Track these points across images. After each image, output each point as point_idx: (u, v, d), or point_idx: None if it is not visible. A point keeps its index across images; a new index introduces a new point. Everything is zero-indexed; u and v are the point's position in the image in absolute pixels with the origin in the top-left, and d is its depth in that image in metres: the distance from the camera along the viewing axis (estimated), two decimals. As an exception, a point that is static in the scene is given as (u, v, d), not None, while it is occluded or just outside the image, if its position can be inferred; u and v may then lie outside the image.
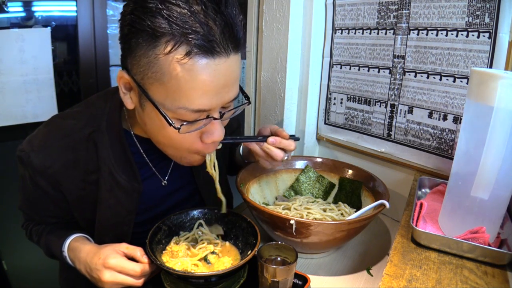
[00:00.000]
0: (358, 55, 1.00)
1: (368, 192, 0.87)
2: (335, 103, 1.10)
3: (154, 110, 0.58)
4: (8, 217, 1.58)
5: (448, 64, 0.81)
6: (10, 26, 1.58)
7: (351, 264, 0.78)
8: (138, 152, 0.75)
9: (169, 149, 0.66)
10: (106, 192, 0.71)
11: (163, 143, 0.65)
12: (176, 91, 0.54)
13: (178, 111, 0.56)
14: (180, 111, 0.56)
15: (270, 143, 0.74)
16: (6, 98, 1.57)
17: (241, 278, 0.67)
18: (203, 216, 0.77)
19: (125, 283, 0.63)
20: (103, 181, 0.71)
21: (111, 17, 1.76)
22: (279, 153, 0.74)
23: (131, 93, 0.62)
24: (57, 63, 1.71)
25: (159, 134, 0.63)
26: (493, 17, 0.72)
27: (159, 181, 0.80)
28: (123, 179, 0.72)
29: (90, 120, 0.71)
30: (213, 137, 0.62)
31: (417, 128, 0.90)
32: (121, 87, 0.62)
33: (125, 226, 0.76)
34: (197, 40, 0.51)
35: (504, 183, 0.56)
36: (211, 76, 0.54)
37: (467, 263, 0.58)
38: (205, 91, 0.55)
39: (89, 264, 0.66)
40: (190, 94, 0.55)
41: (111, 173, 0.71)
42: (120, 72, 0.60)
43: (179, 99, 0.55)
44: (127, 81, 0.60)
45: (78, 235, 0.75)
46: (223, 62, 0.55)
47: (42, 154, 0.68)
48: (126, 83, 0.61)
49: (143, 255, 0.65)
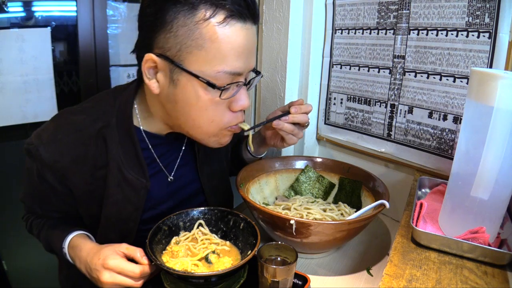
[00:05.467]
0: (358, 55, 1.00)
1: (368, 192, 0.87)
2: (335, 103, 1.10)
3: (190, 82, 0.61)
4: (8, 217, 1.58)
5: (448, 64, 0.81)
6: (10, 26, 1.58)
7: (351, 264, 0.78)
8: (147, 148, 0.76)
9: (200, 128, 0.68)
10: (114, 188, 0.72)
11: (195, 120, 0.66)
12: (216, 55, 0.59)
13: (217, 76, 0.61)
14: (219, 76, 0.61)
15: (294, 112, 0.80)
16: (6, 98, 1.57)
17: (241, 278, 0.67)
18: (203, 216, 0.77)
19: (124, 284, 0.63)
20: (112, 177, 0.71)
21: (111, 17, 1.76)
22: (304, 117, 0.82)
23: (158, 75, 0.64)
24: (57, 63, 1.71)
25: (192, 109, 0.65)
26: (493, 17, 0.72)
27: (165, 177, 0.81)
28: (131, 175, 0.72)
29: (100, 115, 0.71)
30: (242, 103, 0.66)
31: (417, 128, 0.90)
32: (145, 73, 0.64)
33: (131, 222, 0.76)
34: (231, 6, 0.58)
35: (504, 183, 0.56)
36: (244, 39, 0.61)
37: (467, 263, 0.58)
38: (239, 54, 0.61)
39: (89, 264, 0.66)
40: (228, 56, 0.60)
41: (120, 169, 0.71)
42: (146, 56, 0.62)
43: (219, 62, 0.60)
44: (153, 64, 0.62)
45: (80, 232, 0.75)
46: (250, 28, 0.62)
47: (51, 148, 0.67)
48: (152, 66, 0.63)
49: (143, 256, 0.65)
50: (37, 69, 1.63)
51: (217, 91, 0.62)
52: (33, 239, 0.83)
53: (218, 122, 0.67)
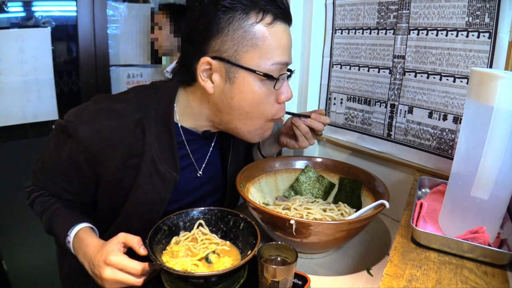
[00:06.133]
0: (358, 55, 1.00)
1: (368, 192, 0.87)
2: (335, 103, 1.10)
3: (247, 78, 0.69)
4: (8, 217, 1.58)
5: (448, 64, 0.81)
6: (10, 26, 1.58)
7: (351, 264, 0.78)
8: (181, 142, 0.80)
9: (251, 120, 0.74)
10: (145, 178, 0.74)
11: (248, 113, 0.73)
12: (269, 50, 0.68)
13: (271, 68, 0.69)
14: (273, 68, 0.69)
15: (313, 118, 0.89)
16: (6, 98, 1.57)
17: (241, 278, 0.67)
18: (203, 216, 0.77)
19: (125, 281, 0.63)
20: (145, 167, 0.73)
21: (111, 17, 1.76)
22: (320, 125, 0.90)
23: (213, 76, 0.70)
24: (57, 63, 1.71)
25: (247, 103, 0.71)
26: (493, 17, 0.72)
27: (195, 172, 0.84)
28: (163, 168, 0.75)
29: (141, 106, 0.74)
30: (287, 94, 0.76)
31: (417, 128, 0.90)
32: (200, 76, 0.70)
33: (154, 213, 0.78)
34: (276, 9, 0.68)
35: (504, 183, 0.56)
36: (287, 37, 0.71)
37: (467, 263, 0.58)
38: (285, 48, 0.71)
39: (92, 260, 0.67)
40: (277, 50, 0.69)
41: (153, 160, 0.74)
42: (202, 59, 0.69)
43: (272, 56, 0.69)
44: (208, 66, 0.69)
45: (87, 225, 0.76)
46: (289, 28, 0.73)
47: (90, 129, 0.69)
48: (207, 69, 0.70)
49: (140, 246, 0.65)
50: (37, 69, 1.63)
51: (272, 82, 0.71)
52: (33, 239, 0.82)
53: (267, 114, 0.75)
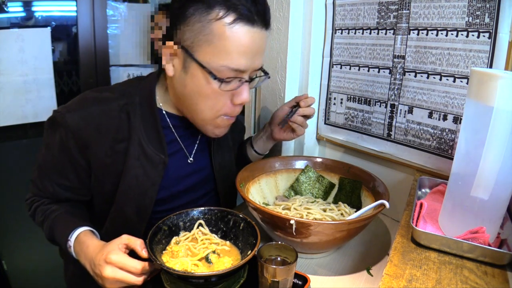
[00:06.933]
0: (358, 55, 1.00)
1: (368, 192, 0.87)
2: (335, 103, 1.10)
3: (198, 71, 0.69)
4: (8, 217, 1.58)
5: (448, 64, 0.81)
6: (10, 26, 1.58)
7: (351, 264, 0.78)
8: (167, 127, 0.81)
9: (201, 113, 0.74)
10: (134, 161, 0.76)
11: (197, 105, 0.73)
12: (222, 51, 0.66)
13: (220, 69, 0.68)
14: (222, 69, 0.68)
15: (303, 106, 0.91)
16: (6, 98, 1.57)
17: (241, 278, 0.67)
18: (203, 216, 0.77)
19: (125, 280, 0.63)
20: (132, 150, 0.76)
21: (111, 17, 1.76)
22: (311, 109, 0.92)
23: (174, 61, 0.72)
24: (57, 63, 1.71)
25: (197, 95, 0.72)
26: (493, 17, 0.72)
27: (185, 158, 0.86)
28: (150, 150, 0.77)
29: (125, 94, 0.78)
30: (242, 97, 0.73)
31: (417, 128, 0.90)
32: (165, 57, 0.72)
33: (147, 198, 0.79)
34: (242, 10, 0.65)
35: (504, 183, 0.56)
36: (249, 41, 0.67)
37: (467, 263, 0.58)
38: (243, 53, 0.68)
39: (93, 260, 0.67)
40: (232, 54, 0.67)
41: (140, 143, 0.76)
42: (168, 42, 0.71)
43: (224, 58, 0.67)
44: (173, 50, 0.71)
45: (87, 228, 0.76)
46: (258, 32, 0.68)
47: (77, 115, 0.73)
48: (172, 53, 0.71)
49: (143, 249, 0.65)
50: (37, 69, 1.63)
51: (217, 82, 0.69)
52: (33, 239, 0.83)
53: (217, 110, 0.74)
